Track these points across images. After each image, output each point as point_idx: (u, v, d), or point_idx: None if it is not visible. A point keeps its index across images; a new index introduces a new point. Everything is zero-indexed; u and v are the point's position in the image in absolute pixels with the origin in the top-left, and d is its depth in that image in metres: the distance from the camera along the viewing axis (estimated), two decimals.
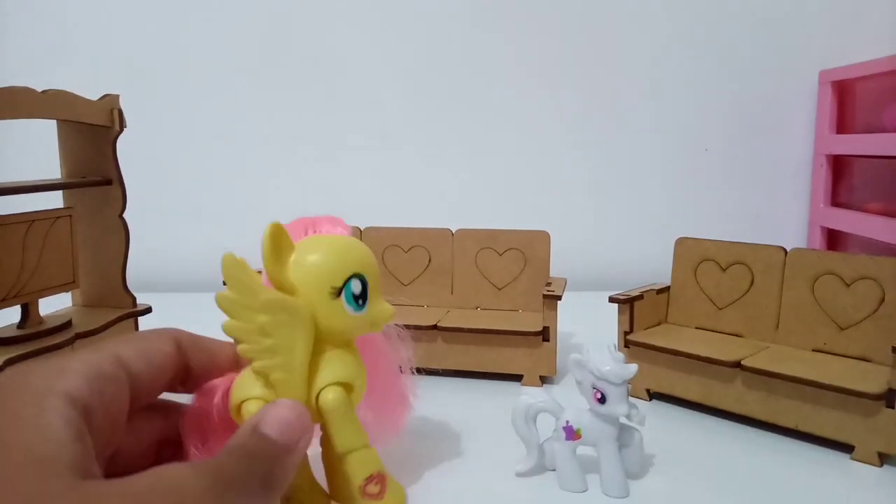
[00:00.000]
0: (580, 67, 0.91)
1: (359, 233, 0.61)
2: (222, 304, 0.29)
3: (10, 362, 0.36)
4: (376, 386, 0.35)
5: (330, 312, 0.31)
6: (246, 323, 0.29)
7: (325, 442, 0.33)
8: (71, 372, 0.24)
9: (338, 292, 0.31)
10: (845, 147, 0.85)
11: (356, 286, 0.31)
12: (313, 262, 0.31)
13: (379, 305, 0.33)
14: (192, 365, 0.30)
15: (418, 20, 0.91)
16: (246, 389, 0.30)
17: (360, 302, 0.32)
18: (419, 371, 0.39)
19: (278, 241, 0.30)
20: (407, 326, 0.39)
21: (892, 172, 0.79)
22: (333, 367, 0.31)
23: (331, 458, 0.33)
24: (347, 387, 0.32)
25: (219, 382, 0.31)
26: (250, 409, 0.30)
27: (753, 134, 0.92)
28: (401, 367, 0.38)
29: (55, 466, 0.20)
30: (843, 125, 0.88)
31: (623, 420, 0.37)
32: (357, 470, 0.31)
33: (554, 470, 0.38)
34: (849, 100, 0.87)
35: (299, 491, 0.33)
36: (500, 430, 0.43)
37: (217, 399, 0.31)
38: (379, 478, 0.32)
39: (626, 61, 0.91)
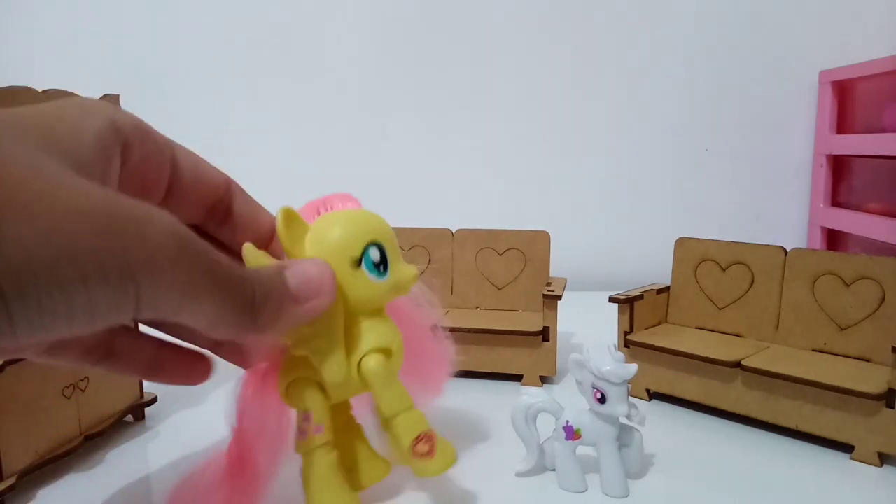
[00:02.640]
0: (580, 68, 0.91)
1: None
2: None
3: (11, 362, 0.36)
4: (411, 350, 0.35)
5: (354, 283, 0.31)
6: None
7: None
8: (123, 111, 0.25)
9: (357, 262, 0.31)
10: (845, 147, 0.85)
11: (374, 254, 0.32)
12: (329, 236, 0.31)
13: (400, 269, 0.33)
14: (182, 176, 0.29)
15: (419, 18, 0.91)
16: (293, 371, 0.32)
17: (382, 268, 0.32)
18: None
19: (291, 223, 0.31)
20: None
21: (892, 172, 0.79)
22: (369, 335, 0.32)
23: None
24: (386, 352, 0.32)
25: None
26: (299, 388, 0.32)
27: (753, 134, 0.92)
28: (432, 330, 0.38)
29: (55, 155, 0.21)
30: (843, 125, 0.88)
31: (623, 420, 0.37)
32: (405, 432, 0.32)
33: (554, 470, 0.38)
34: (849, 100, 0.87)
35: (357, 462, 0.34)
36: (500, 430, 0.43)
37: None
38: (427, 437, 0.32)
39: (626, 61, 0.91)
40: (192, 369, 0.30)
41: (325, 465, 0.32)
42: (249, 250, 0.29)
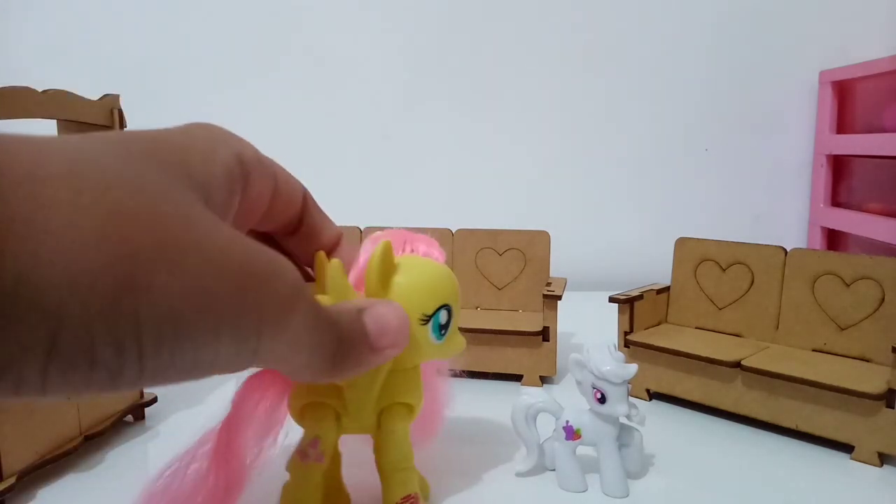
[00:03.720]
0: (580, 67, 0.91)
1: (359, 232, 0.61)
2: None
3: None
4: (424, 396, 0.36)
5: (415, 337, 0.31)
6: None
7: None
8: (243, 141, 0.25)
9: (427, 320, 0.31)
10: (845, 147, 0.85)
11: (444, 316, 0.32)
12: (411, 286, 0.31)
13: (456, 337, 0.34)
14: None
15: (420, 18, 0.91)
16: (312, 393, 0.32)
17: (443, 332, 0.32)
18: None
19: (386, 261, 0.30)
20: None
21: (892, 172, 0.79)
22: (402, 388, 0.32)
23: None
24: (409, 408, 0.33)
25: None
26: (317, 413, 0.32)
27: (753, 134, 0.92)
28: (442, 387, 0.38)
29: (192, 190, 0.20)
30: (843, 125, 0.88)
31: (623, 420, 0.37)
32: (397, 488, 0.32)
33: (554, 470, 0.38)
34: (849, 100, 0.87)
35: (325, 490, 0.34)
36: (500, 430, 0.43)
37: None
38: (414, 498, 0.33)
39: (626, 61, 0.91)
40: None
41: (312, 489, 0.32)
42: (336, 277, 0.28)
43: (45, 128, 0.51)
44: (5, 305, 0.14)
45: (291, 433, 0.33)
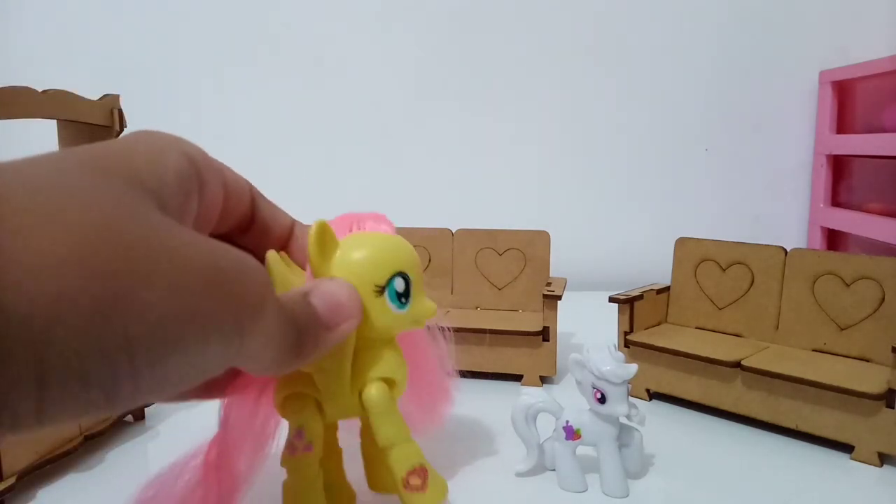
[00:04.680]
0: (580, 67, 0.91)
1: None
2: None
3: None
4: (420, 379, 0.35)
5: (373, 310, 0.31)
6: None
7: (366, 434, 0.35)
8: (190, 143, 0.24)
9: (381, 291, 0.31)
10: (845, 147, 0.85)
11: (399, 284, 0.31)
12: (357, 260, 0.31)
13: (422, 303, 0.33)
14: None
15: (419, 17, 0.91)
16: (291, 384, 0.31)
17: (403, 300, 0.31)
18: None
19: (323, 239, 0.30)
20: None
21: (892, 172, 0.79)
22: (376, 363, 0.32)
23: (371, 449, 0.35)
24: (390, 382, 0.32)
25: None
26: (296, 403, 0.31)
27: (753, 134, 0.92)
28: (441, 362, 0.38)
29: (146, 198, 0.19)
30: (843, 125, 0.88)
31: (623, 420, 0.37)
32: (399, 463, 0.32)
33: (554, 470, 0.38)
34: (849, 100, 0.87)
35: (329, 486, 0.34)
36: (500, 430, 0.43)
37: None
38: (421, 471, 0.32)
39: (626, 61, 0.91)
40: None
41: (310, 480, 0.32)
42: (276, 267, 0.28)
43: (45, 128, 0.51)
44: None
45: (282, 436, 0.33)
